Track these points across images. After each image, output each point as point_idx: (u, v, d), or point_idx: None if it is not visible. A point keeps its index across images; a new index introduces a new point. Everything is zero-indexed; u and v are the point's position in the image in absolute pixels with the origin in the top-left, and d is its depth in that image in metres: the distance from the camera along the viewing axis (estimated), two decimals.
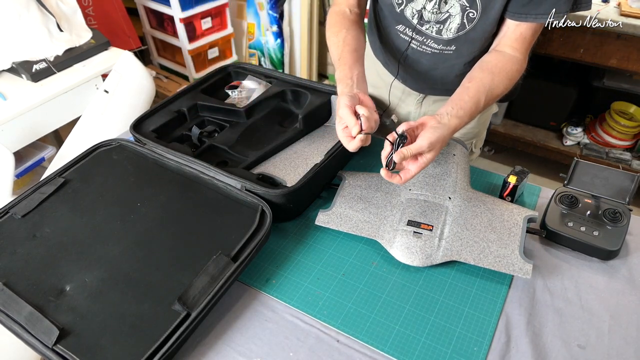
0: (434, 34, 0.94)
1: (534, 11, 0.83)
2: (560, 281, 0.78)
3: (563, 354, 0.68)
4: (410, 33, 0.97)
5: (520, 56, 0.88)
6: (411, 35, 0.97)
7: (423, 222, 0.81)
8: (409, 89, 1.13)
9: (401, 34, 0.99)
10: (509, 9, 0.85)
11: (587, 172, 0.89)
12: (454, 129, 0.80)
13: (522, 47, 0.88)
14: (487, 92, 0.84)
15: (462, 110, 0.81)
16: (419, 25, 0.94)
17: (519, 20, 0.85)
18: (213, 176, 0.88)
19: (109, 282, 0.71)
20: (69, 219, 0.82)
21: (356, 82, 0.85)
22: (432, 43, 0.96)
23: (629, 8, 1.69)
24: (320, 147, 0.98)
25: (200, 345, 0.70)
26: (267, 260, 0.82)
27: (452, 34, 0.92)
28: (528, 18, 0.84)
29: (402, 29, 0.98)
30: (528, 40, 0.88)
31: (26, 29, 1.47)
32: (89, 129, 1.51)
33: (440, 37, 0.93)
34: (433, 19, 0.91)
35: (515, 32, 0.87)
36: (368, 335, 0.70)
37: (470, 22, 0.88)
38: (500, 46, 0.89)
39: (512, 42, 0.88)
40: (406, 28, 0.97)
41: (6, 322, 0.67)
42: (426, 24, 0.93)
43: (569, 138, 2.19)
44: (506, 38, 0.89)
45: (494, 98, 0.86)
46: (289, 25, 2.57)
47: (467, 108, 0.82)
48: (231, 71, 1.23)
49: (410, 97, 1.15)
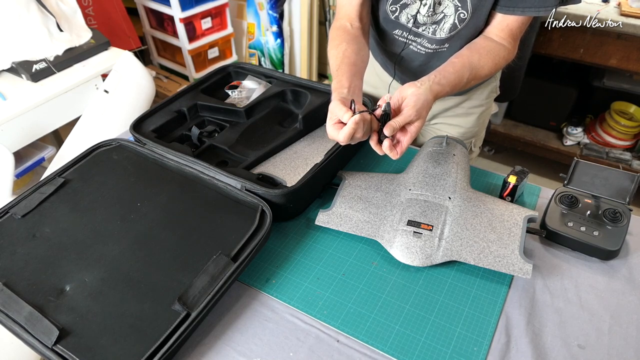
0: (429, 35, 0.95)
1: (522, 4, 0.85)
2: (560, 281, 0.78)
3: (563, 354, 0.68)
4: (407, 35, 0.98)
5: (508, 45, 0.90)
6: (407, 36, 0.98)
7: (423, 222, 0.81)
8: None
9: (399, 37, 1.00)
10: (498, 3, 0.86)
11: (587, 172, 0.89)
12: (436, 95, 0.80)
13: (509, 37, 0.90)
14: (471, 69, 0.86)
15: (444, 80, 0.82)
16: (415, 27, 0.95)
17: (507, 13, 0.87)
18: (213, 176, 0.88)
19: (109, 282, 0.71)
20: (68, 219, 0.82)
21: (352, 91, 0.82)
22: (427, 43, 0.97)
23: (629, 8, 1.69)
24: (320, 147, 0.98)
25: (200, 345, 0.70)
26: (267, 260, 0.82)
27: (445, 33, 0.93)
28: (515, 11, 0.86)
29: (399, 33, 0.99)
30: (515, 32, 0.90)
31: (26, 29, 1.47)
32: (89, 129, 1.51)
33: (435, 37, 0.95)
34: (428, 21, 0.92)
35: (502, 24, 0.89)
36: (368, 335, 0.70)
37: (461, 22, 0.90)
38: (489, 34, 0.91)
39: (499, 32, 0.90)
40: (403, 32, 0.98)
41: (6, 322, 0.67)
42: (422, 26, 0.94)
43: (569, 138, 2.19)
44: (493, 28, 0.90)
45: (479, 78, 0.88)
46: (289, 25, 2.57)
47: (450, 78, 0.83)
48: (231, 71, 1.23)
49: None
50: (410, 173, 0.90)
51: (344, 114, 0.74)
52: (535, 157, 2.28)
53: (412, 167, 0.92)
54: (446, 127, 1.19)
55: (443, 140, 0.95)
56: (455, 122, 1.17)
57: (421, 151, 0.96)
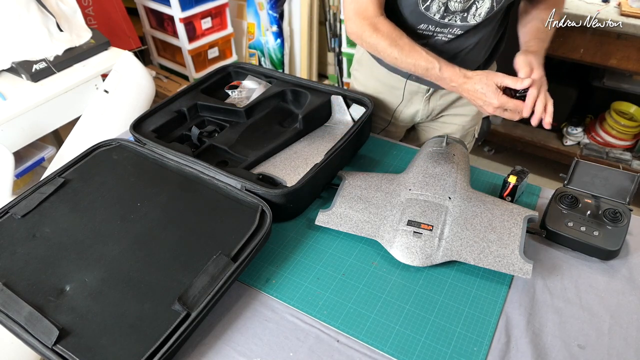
0: (458, 22, 0.95)
1: None
2: (560, 281, 0.78)
3: (563, 354, 0.68)
4: (432, 28, 0.97)
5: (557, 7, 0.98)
6: (433, 29, 0.98)
7: (423, 222, 0.81)
8: (416, 88, 1.13)
9: (423, 31, 0.99)
10: None
11: (587, 172, 0.89)
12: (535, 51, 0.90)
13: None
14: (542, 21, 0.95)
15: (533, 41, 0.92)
16: (441, 19, 0.94)
17: None
18: (213, 176, 0.88)
19: (109, 282, 0.71)
20: (68, 219, 0.82)
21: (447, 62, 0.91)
22: (458, 30, 0.97)
23: (629, 8, 1.69)
24: (320, 147, 0.98)
25: (200, 345, 0.70)
26: (267, 260, 0.82)
27: (480, 18, 0.93)
28: None
29: (423, 27, 0.98)
30: None
31: (26, 29, 1.47)
32: (89, 129, 1.51)
33: (467, 24, 0.95)
34: (459, 8, 0.92)
35: None
36: (368, 335, 0.70)
37: (498, 3, 0.92)
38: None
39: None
40: (428, 25, 0.97)
41: (6, 322, 0.67)
42: (450, 16, 0.94)
43: (569, 138, 2.19)
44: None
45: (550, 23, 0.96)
46: (289, 25, 2.57)
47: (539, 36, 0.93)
48: (231, 71, 1.23)
49: (417, 95, 1.15)
50: (410, 173, 0.90)
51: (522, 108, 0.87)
52: (535, 157, 2.28)
53: (412, 167, 0.92)
54: (453, 118, 1.20)
55: (443, 140, 0.95)
56: (462, 111, 1.19)
57: (421, 151, 0.96)
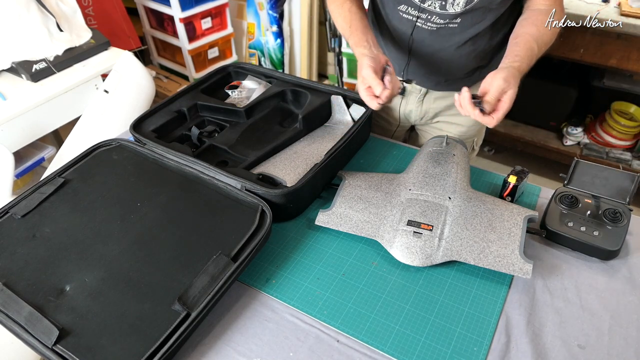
0: (437, 10, 0.94)
1: None
2: (560, 281, 0.78)
3: (563, 354, 0.68)
4: (414, 12, 0.97)
5: (556, 7, 0.92)
6: (412, 13, 0.98)
7: (423, 222, 0.81)
8: (410, 87, 1.13)
9: (404, 14, 0.99)
10: None
11: (587, 172, 0.89)
12: (518, 68, 0.85)
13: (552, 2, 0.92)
14: (536, 39, 0.89)
15: (517, 57, 0.86)
16: (421, 2, 0.95)
17: None
18: (213, 176, 0.88)
19: (109, 282, 0.71)
20: (68, 219, 0.82)
21: (372, 44, 0.90)
22: (438, 19, 0.97)
23: (629, 8, 1.69)
24: (320, 147, 0.98)
25: (200, 345, 0.70)
26: (267, 260, 0.82)
27: (459, 8, 0.92)
28: None
29: (404, 9, 0.98)
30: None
31: (26, 29, 1.47)
32: (89, 129, 1.51)
33: (446, 12, 0.94)
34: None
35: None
36: (368, 335, 0.70)
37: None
38: (535, 4, 0.93)
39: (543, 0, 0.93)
40: (408, 7, 0.97)
41: (6, 322, 0.67)
42: (428, 0, 0.94)
43: (569, 138, 2.19)
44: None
45: (545, 44, 0.91)
46: (289, 25, 2.57)
47: (522, 54, 0.87)
48: (231, 71, 1.23)
49: (412, 95, 1.15)
50: (410, 173, 0.90)
51: (376, 86, 0.82)
52: (535, 157, 2.28)
53: (412, 167, 0.92)
54: (448, 125, 1.19)
55: (443, 140, 0.95)
56: (457, 120, 1.17)
57: (421, 151, 0.96)
